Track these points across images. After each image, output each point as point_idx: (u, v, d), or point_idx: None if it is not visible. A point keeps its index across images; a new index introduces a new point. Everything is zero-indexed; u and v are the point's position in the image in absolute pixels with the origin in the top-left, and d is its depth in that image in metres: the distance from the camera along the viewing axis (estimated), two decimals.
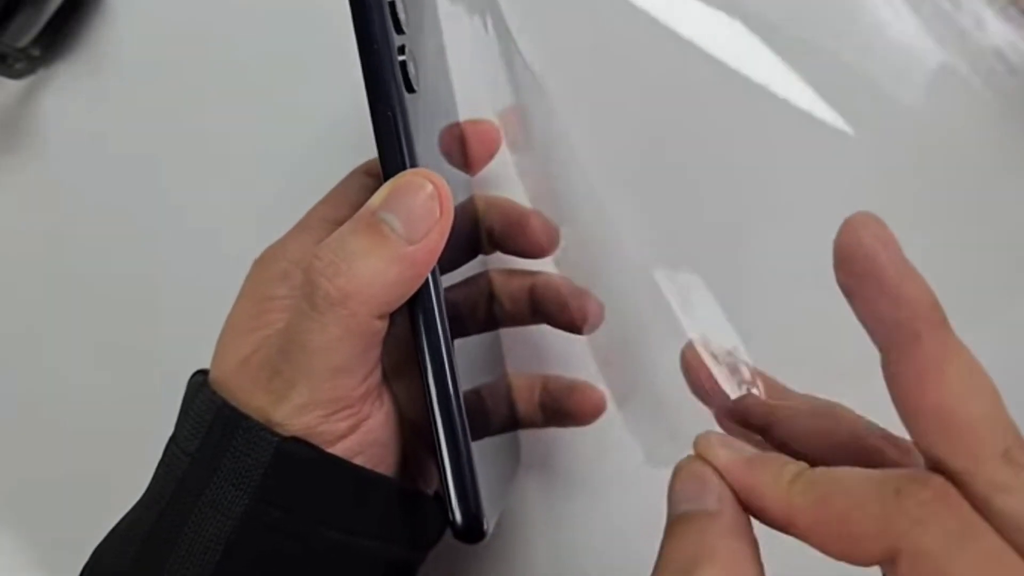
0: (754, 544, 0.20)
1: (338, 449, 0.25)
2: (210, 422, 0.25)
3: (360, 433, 0.25)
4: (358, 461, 0.25)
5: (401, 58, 0.23)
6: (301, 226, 0.29)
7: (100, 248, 0.38)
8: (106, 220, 0.38)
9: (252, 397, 0.25)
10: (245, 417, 0.24)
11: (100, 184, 0.38)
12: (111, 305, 0.38)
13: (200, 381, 0.27)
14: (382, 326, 0.24)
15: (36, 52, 0.38)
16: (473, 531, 0.23)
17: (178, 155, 0.38)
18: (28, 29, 0.38)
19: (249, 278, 0.28)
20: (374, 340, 0.24)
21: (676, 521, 0.21)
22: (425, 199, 0.23)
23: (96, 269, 0.38)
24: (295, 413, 0.24)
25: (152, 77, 0.38)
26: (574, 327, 0.30)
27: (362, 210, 0.24)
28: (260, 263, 0.28)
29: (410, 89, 0.23)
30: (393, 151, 0.23)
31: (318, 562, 0.25)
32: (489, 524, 0.24)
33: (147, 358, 0.37)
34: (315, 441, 0.24)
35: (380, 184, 0.29)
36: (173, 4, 0.38)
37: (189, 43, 0.38)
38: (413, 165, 0.23)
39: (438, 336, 0.24)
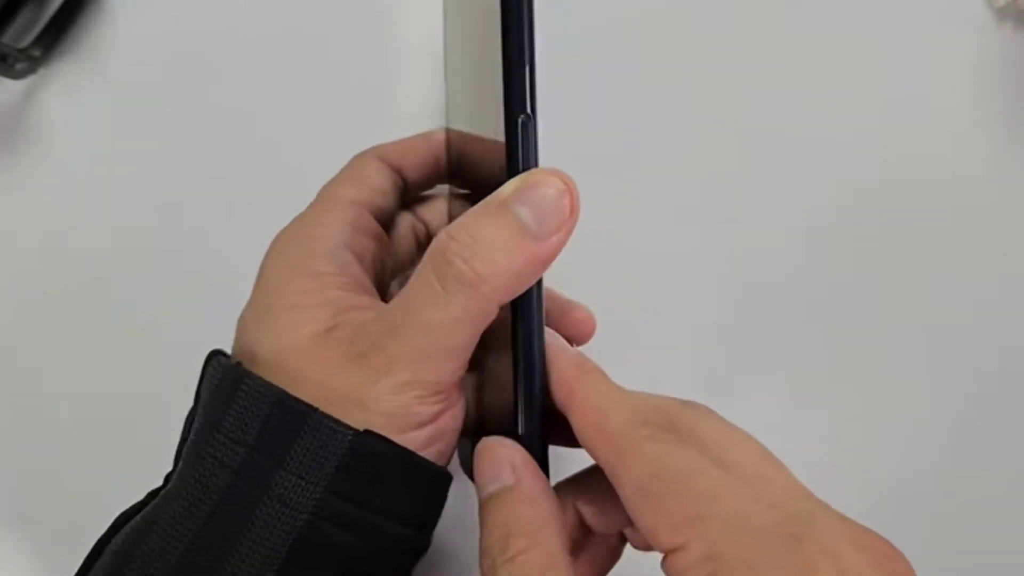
0: (553, 500, 0.23)
1: (422, 434, 0.24)
2: (267, 412, 0.24)
3: (443, 420, 0.25)
4: (433, 449, 0.25)
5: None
6: (325, 205, 0.28)
7: (101, 247, 0.38)
8: (107, 219, 0.38)
9: (334, 374, 0.24)
10: (313, 409, 0.23)
11: (101, 183, 0.38)
12: (112, 303, 0.38)
13: (233, 365, 0.25)
14: (494, 315, 0.24)
15: (37, 52, 0.38)
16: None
17: (178, 154, 0.38)
18: (29, 29, 0.38)
19: (286, 255, 0.27)
20: (484, 328, 0.24)
21: (483, 505, 0.23)
22: (557, 196, 0.23)
23: (97, 268, 0.38)
24: (395, 390, 0.24)
25: (153, 77, 0.38)
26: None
27: (491, 198, 0.24)
28: (296, 241, 0.28)
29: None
30: (526, 157, 0.23)
31: (381, 555, 0.24)
32: None
33: (149, 356, 0.37)
34: (406, 422, 0.24)
35: (395, 173, 0.30)
36: (173, 4, 0.38)
37: (189, 42, 0.38)
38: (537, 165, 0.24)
39: (534, 315, 0.24)
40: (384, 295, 0.30)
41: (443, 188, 0.32)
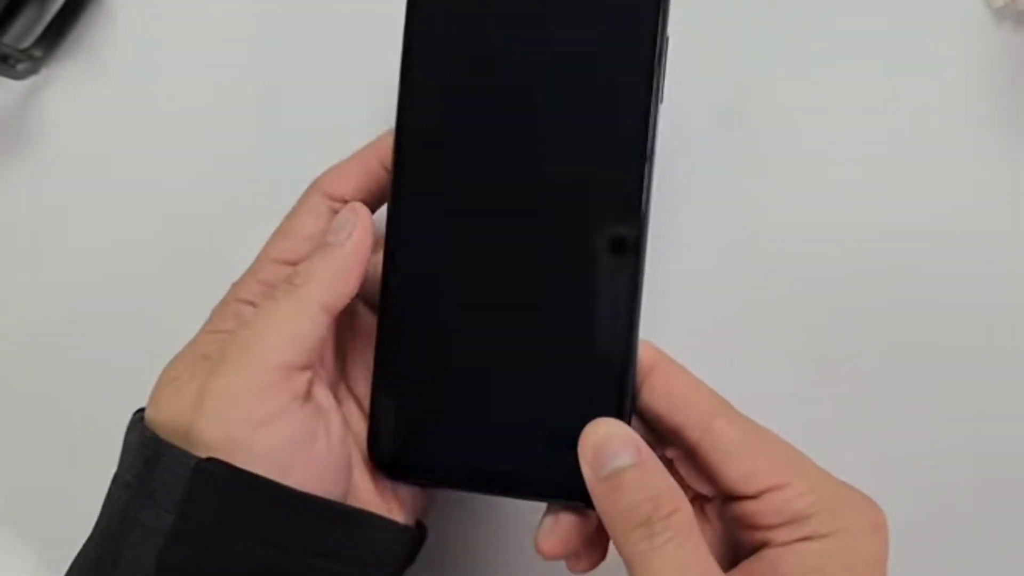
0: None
1: (269, 431, 0.26)
2: (147, 455, 0.26)
3: (287, 421, 0.26)
4: (301, 467, 0.26)
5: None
6: (252, 269, 0.30)
7: (101, 248, 0.38)
8: (107, 220, 0.38)
9: (176, 403, 0.26)
10: (169, 445, 0.26)
11: (102, 184, 0.38)
12: (112, 303, 0.38)
13: (137, 418, 0.28)
14: (327, 316, 0.27)
15: (38, 53, 0.38)
16: None
17: (180, 155, 0.38)
18: (30, 30, 0.39)
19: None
20: (321, 326, 0.27)
21: (609, 480, 0.24)
22: (344, 212, 0.28)
23: (97, 269, 0.38)
24: (229, 389, 0.26)
25: (154, 77, 0.39)
26: None
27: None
28: (218, 307, 0.30)
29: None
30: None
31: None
32: None
33: (149, 356, 0.37)
34: (253, 422, 0.25)
35: (337, 205, 0.31)
36: (173, 4, 0.38)
37: (190, 43, 0.39)
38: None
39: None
40: None
41: None
